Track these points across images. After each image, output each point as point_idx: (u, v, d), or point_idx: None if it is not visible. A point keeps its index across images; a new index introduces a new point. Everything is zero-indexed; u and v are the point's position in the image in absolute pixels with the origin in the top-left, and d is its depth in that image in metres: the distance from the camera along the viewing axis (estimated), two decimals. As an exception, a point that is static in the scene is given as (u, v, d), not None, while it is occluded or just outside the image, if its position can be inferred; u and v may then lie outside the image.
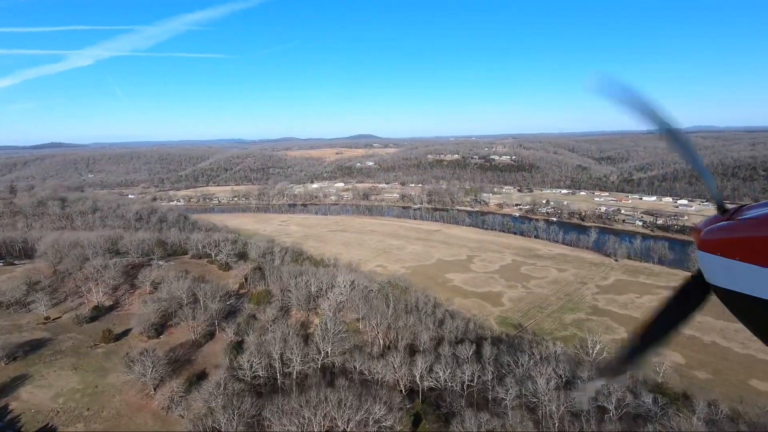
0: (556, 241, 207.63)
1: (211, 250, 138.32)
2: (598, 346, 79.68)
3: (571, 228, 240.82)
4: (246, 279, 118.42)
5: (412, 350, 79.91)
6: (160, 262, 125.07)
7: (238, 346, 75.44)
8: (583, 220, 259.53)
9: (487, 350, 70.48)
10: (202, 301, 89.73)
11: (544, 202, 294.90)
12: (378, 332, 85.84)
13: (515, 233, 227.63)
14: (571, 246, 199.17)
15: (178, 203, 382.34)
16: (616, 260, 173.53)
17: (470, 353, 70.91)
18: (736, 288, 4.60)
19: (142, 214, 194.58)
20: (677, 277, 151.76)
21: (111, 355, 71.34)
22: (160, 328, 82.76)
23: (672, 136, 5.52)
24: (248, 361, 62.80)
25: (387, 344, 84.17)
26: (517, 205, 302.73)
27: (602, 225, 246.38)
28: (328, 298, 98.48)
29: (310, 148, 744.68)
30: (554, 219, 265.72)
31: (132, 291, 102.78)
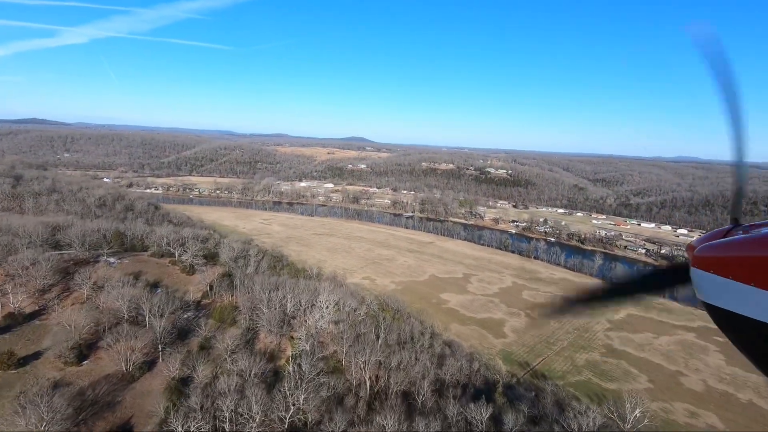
0: (558, 264, 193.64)
1: (175, 248, 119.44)
2: (637, 412, 63.93)
3: (570, 250, 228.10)
4: (211, 287, 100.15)
5: (408, 401, 63.10)
6: (111, 259, 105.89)
7: (181, 386, 57.43)
8: (582, 242, 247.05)
9: (510, 418, 53.98)
10: (147, 317, 71.42)
11: (542, 220, 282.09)
12: (365, 371, 68.76)
13: (513, 252, 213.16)
14: (574, 271, 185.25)
15: (156, 191, 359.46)
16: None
17: (485, 416, 54.36)
18: (727, 306, 4.78)
19: (106, 199, 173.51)
20: (693, 316, 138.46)
21: (3, 390, 52.64)
22: (86, 349, 64.07)
23: (734, 120, 5.48)
24: (183, 425, 44.97)
25: (376, 389, 67.13)
26: (513, 221, 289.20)
27: (603, 250, 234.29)
28: (306, 321, 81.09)
29: (301, 146, 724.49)
30: (552, 239, 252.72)
31: (66, 295, 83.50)
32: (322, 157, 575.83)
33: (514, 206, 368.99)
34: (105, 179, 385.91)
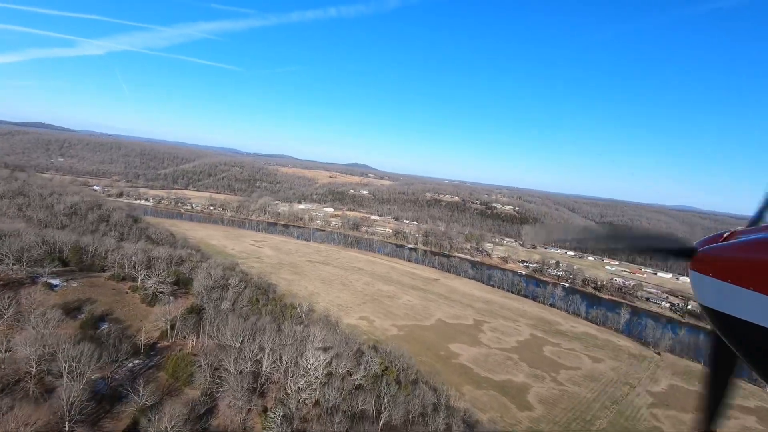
0: (577, 315, 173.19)
1: (140, 270, 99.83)
2: None
3: (585, 298, 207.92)
4: (172, 326, 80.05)
5: None
6: (55, 281, 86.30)
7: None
8: (599, 290, 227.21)
9: None
10: (64, 375, 51.24)
11: (553, 262, 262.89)
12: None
13: (527, 297, 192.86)
14: (596, 324, 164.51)
15: (146, 203, 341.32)
16: (658, 353, 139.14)
17: None
18: (726, 310, 4.78)
19: (78, 208, 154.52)
20: (744, 391, 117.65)
21: None
22: (-43, 423, 43.71)
23: (616, 239, 6.43)
24: None
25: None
26: (523, 261, 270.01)
27: (621, 300, 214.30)
28: (285, 387, 60.86)
29: (304, 167, 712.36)
30: (566, 284, 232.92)
31: (-26, 328, 63.45)
32: (324, 180, 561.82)
33: (521, 245, 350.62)
34: (95, 187, 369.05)
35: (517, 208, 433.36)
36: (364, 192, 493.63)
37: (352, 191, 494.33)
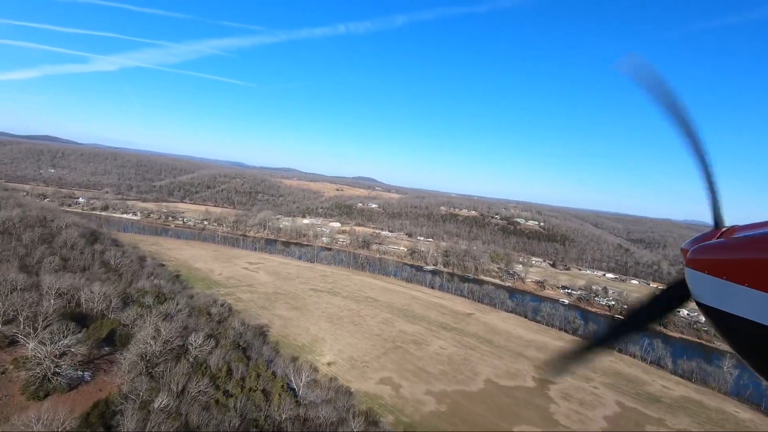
0: (661, 367, 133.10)
1: (39, 327, 63.00)
2: None
3: (648, 335, 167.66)
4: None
5: None
6: None
7: None
8: (664, 326, 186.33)
9: None
10: None
11: (601, 289, 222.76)
12: None
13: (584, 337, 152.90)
14: (691, 381, 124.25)
15: (133, 217, 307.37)
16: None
17: None
18: (722, 307, 4.79)
19: (10, 224, 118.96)
20: None
21: None
22: None
23: (687, 134, 5.78)
24: None
25: None
26: (564, 287, 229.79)
27: (698, 339, 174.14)
28: None
29: (309, 180, 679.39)
30: (622, 318, 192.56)
31: None
32: (330, 193, 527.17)
33: (552, 265, 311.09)
34: (80, 199, 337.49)
35: (542, 224, 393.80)
36: (373, 205, 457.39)
37: (360, 205, 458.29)
